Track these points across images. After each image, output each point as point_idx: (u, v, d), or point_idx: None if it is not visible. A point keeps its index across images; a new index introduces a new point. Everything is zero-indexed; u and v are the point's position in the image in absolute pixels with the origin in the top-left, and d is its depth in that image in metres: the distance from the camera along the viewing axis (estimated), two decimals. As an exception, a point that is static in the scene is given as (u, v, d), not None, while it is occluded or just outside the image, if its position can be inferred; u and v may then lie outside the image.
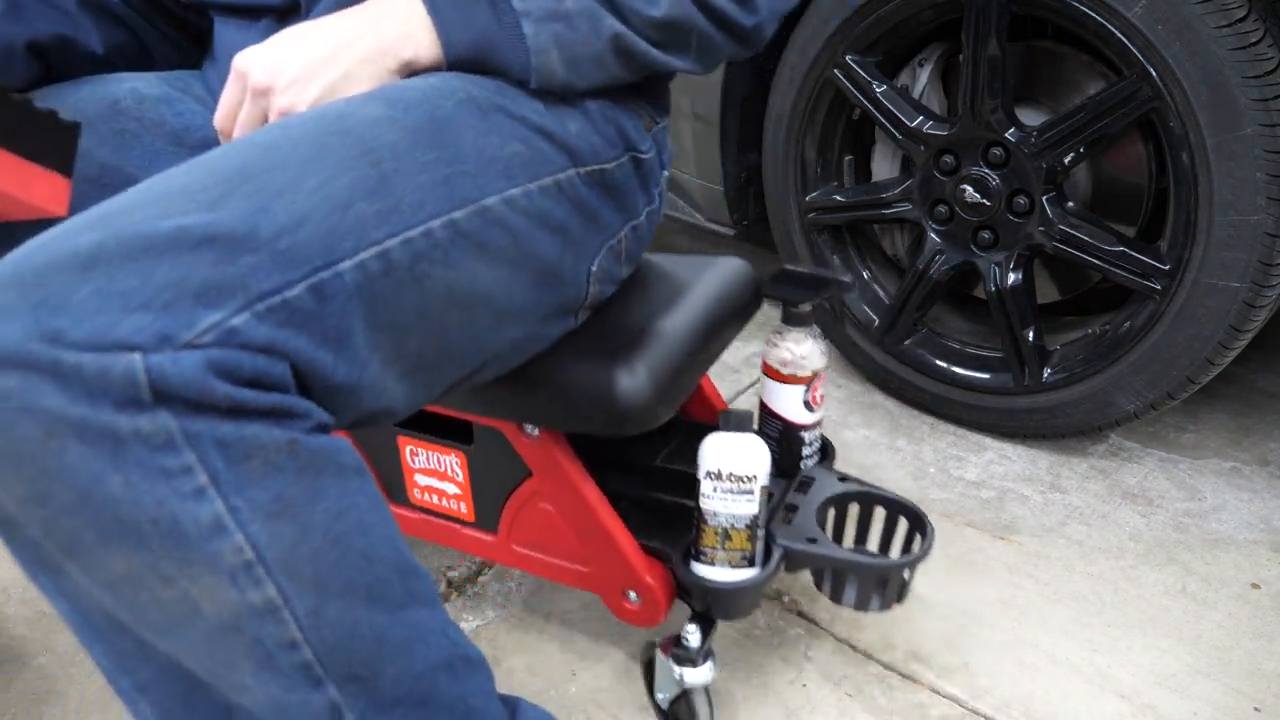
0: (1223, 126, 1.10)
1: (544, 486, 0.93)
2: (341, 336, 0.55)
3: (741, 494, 0.86)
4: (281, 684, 0.54)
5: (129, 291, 0.48)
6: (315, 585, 0.53)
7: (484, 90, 0.68)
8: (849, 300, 1.54)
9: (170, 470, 0.48)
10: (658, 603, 0.92)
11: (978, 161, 1.34)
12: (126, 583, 0.50)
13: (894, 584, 0.91)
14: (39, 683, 1.08)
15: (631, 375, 0.78)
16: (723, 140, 1.58)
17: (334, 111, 0.61)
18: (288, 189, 0.55)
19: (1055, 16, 1.22)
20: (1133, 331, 1.26)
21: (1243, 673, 1.04)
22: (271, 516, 0.51)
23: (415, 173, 0.61)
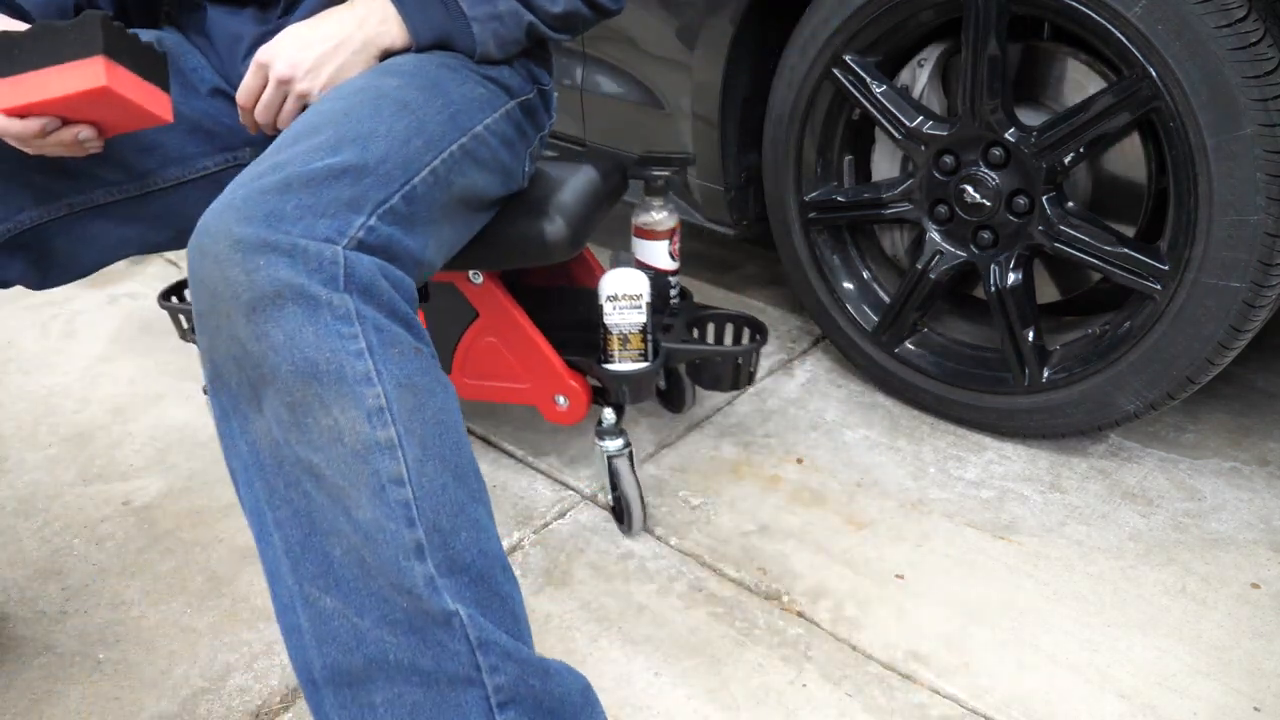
0: (1223, 126, 1.10)
1: (489, 322, 1.23)
2: (420, 226, 0.81)
3: (632, 308, 1.20)
4: (385, 511, 0.69)
5: (315, 205, 0.72)
6: (422, 443, 0.72)
7: (449, 59, 0.96)
8: (848, 301, 1.54)
9: (344, 334, 0.69)
10: (582, 402, 1.25)
11: (978, 161, 1.34)
12: (301, 406, 0.69)
13: (744, 367, 1.29)
14: (39, 683, 1.08)
15: (552, 221, 1.11)
16: (723, 140, 1.59)
17: (369, 86, 0.86)
18: (373, 135, 0.80)
19: (1055, 16, 1.22)
20: (1133, 331, 1.26)
21: (1243, 673, 1.04)
22: (401, 386, 0.71)
23: (434, 114, 0.87)
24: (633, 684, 1.05)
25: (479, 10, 0.97)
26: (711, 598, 1.17)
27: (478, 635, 0.71)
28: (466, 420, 1.54)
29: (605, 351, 1.22)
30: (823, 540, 1.26)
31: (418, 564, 0.69)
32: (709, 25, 1.51)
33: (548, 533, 1.29)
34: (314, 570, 0.71)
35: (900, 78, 1.45)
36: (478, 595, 0.73)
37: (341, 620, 0.70)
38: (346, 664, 0.70)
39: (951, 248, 1.41)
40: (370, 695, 0.70)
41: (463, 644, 0.70)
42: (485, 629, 0.71)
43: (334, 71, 0.93)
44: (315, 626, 0.71)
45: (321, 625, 0.71)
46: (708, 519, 1.30)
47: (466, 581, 0.72)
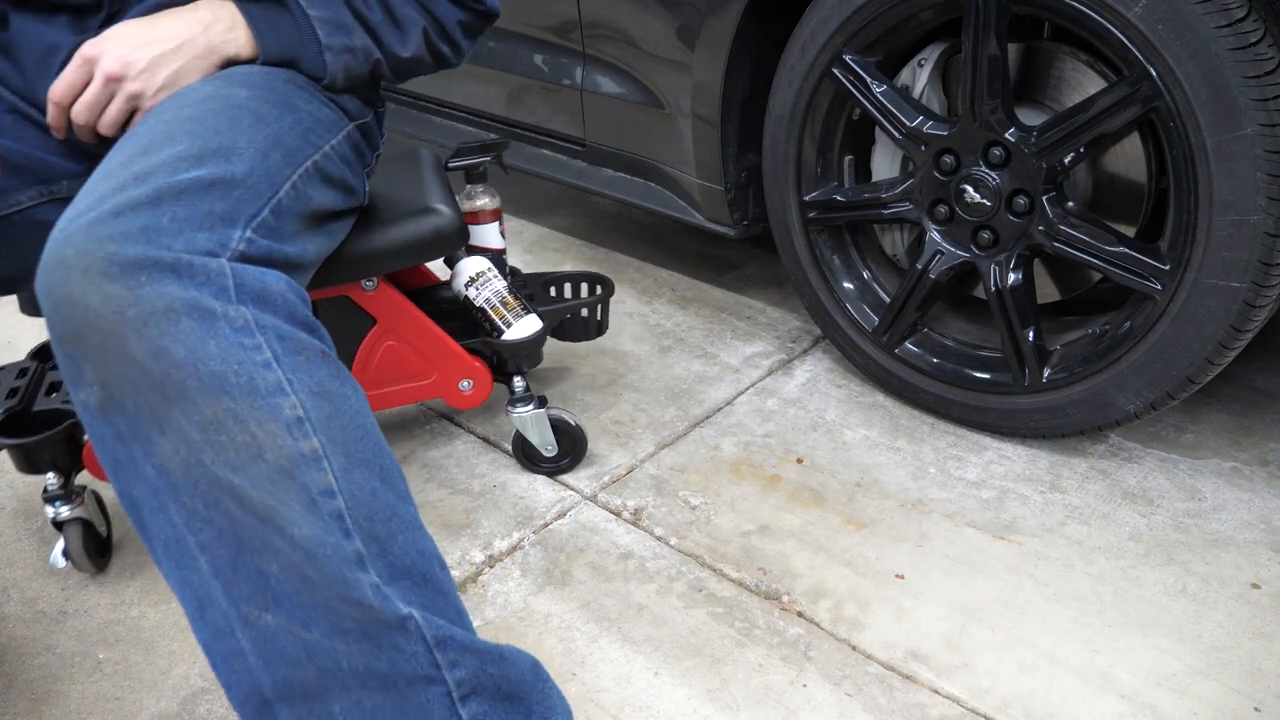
0: (1223, 126, 1.10)
1: (388, 325, 1.26)
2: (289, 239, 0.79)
3: (487, 280, 1.33)
4: (321, 526, 0.68)
5: (190, 218, 0.69)
6: (345, 450, 0.70)
7: (295, 77, 0.95)
8: (848, 301, 1.54)
9: (247, 345, 0.67)
10: (486, 383, 1.32)
11: (978, 161, 1.34)
12: (214, 424, 0.66)
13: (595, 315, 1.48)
14: (39, 683, 1.08)
15: (441, 215, 1.18)
16: (723, 140, 1.59)
17: (218, 95, 0.83)
18: (235, 147, 0.77)
19: (1055, 16, 1.22)
20: (1133, 331, 1.26)
21: (1243, 673, 1.04)
22: (314, 394, 0.70)
23: (289, 129, 0.85)
24: (633, 684, 1.05)
25: (335, 40, 0.96)
26: (711, 598, 1.17)
27: (434, 634, 0.71)
28: (466, 422, 1.54)
29: (492, 325, 1.31)
30: (823, 540, 1.26)
31: (361, 574, 0.69)
32: (709, 25, 1.51)
33: (548, 533, 1.29)
34: (250, 590, 0.69)
35: (900, 78, 1.45)
36: (424, 596, 0.72)
37: (287, 636, 0.69)
38: (299, 678, 0.69)
39: (951, 248, 1.41)
40: (328, 705, 0.70)
41: (420, 645, 0.71)
42: (439, 627, 0.72)
43: (172, 74, 0.88)
44: (259, 646, 0.69)
45: (266, 644, 0.69)
46: (708, 519, 1.30)
47: (410, 584, 0.72)
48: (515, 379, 1.34)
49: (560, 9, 1.76)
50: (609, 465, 1.42)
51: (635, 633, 1.12)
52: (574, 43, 1.77)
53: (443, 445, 1.48)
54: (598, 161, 1.85)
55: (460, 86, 2.06)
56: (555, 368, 1.68)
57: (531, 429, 1.35)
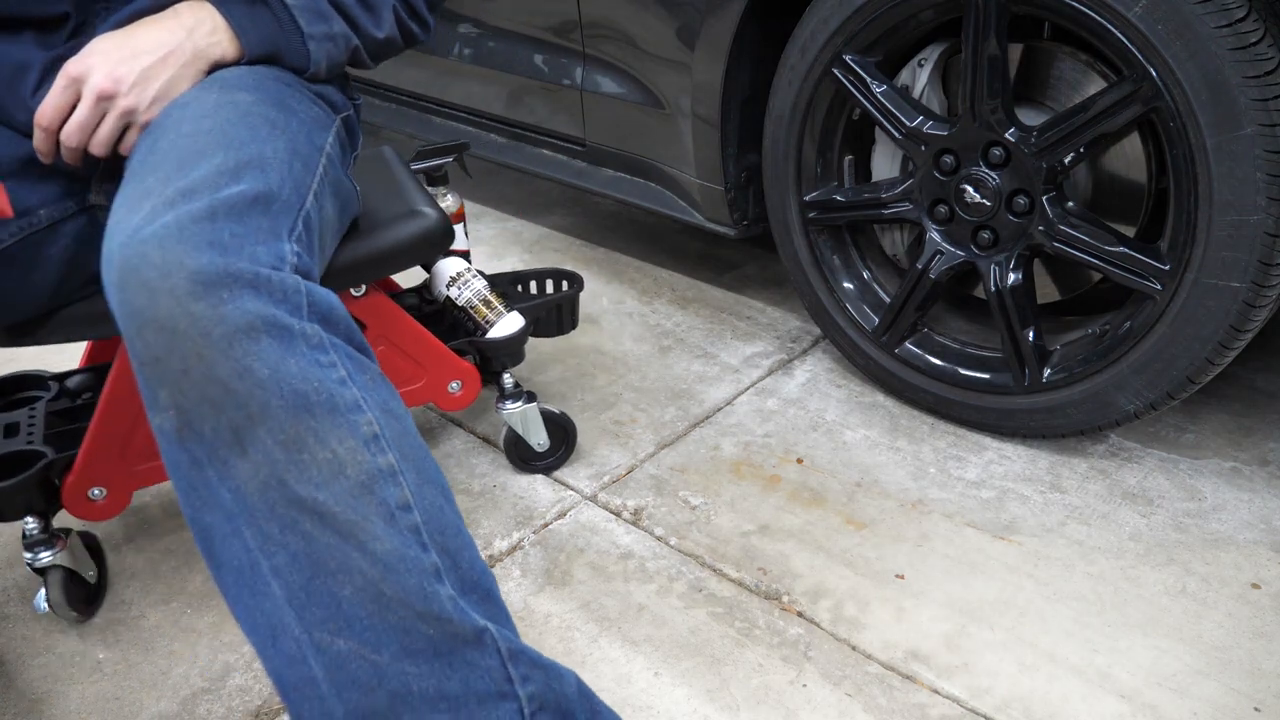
0: (1223, 126, 1.10)
1: (379, 331, 1.24)
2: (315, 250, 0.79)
3: (468, 280, 1.35)
4: (401, 540, 0.68)
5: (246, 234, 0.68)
6: (415, 467, 0.71)
7: (282, 74, 0.93)
8: (848, 301, 1.54)
9: (324, 363, 0.68)
10: (475, 383, 1.31)
11: (978, 161, 1.34)
12: (296, 442, 0.66)
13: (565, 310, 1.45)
14: (39, 683, 1.08)
15: (426, 217, 1.16)
16: (723, 140, 1.58)
17: (226, 102, 0.81)
18: (261, 158, 0.76)
19: (1055, 16, 1.22)
20: (1133, 331, 1.26)
21: (1243, 673, 1.04)
22: (385, 411, 0.70)
23: (298, 132, 0.84)
24: (633, 684, 1.05)
25: (316, 29, 0.94)
26: (711, 598, 1.17)
27: (508, 648, 0.71)
28: (466, 421, 1.54)
29: (477, 324, 1.33)
30: (823, 540, 1.26)
31: (440, 586, 0.69)
32: (709, 25, 1.51)
33: (548, 533, 1.29)
34: (323, 614, 0.68)
35: (900, 78, 1.45)
36: (491, 610, 0.73)
37: (359, 661, 0.68)
38: (369, 704, 0.68)
39: (951, 248, 1.41)
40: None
41: (494, 659, 0.70)
42: (512, 641, 0.72)
43: (164, 85, 0.85)
44: (332, 674, 0.68)
45: (339, 671, 0.68)
46: (708, 519, 1.30)
47: (478, 598, 0.72)
48: (504, 376, 1.35)
49: (560, 9, 1.76)
50: (609, 465, 1.42)
51: (635, 633, 1.12)
52: (574, 43, 1.77)
53: (442, 445, 1.48)
54: (598, 161, 1.85)
55: (460, 86, 2.06)
56: (555, 367, 1.68)
57: (522, 424, 1.36)
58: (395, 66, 2.19)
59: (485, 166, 2.57)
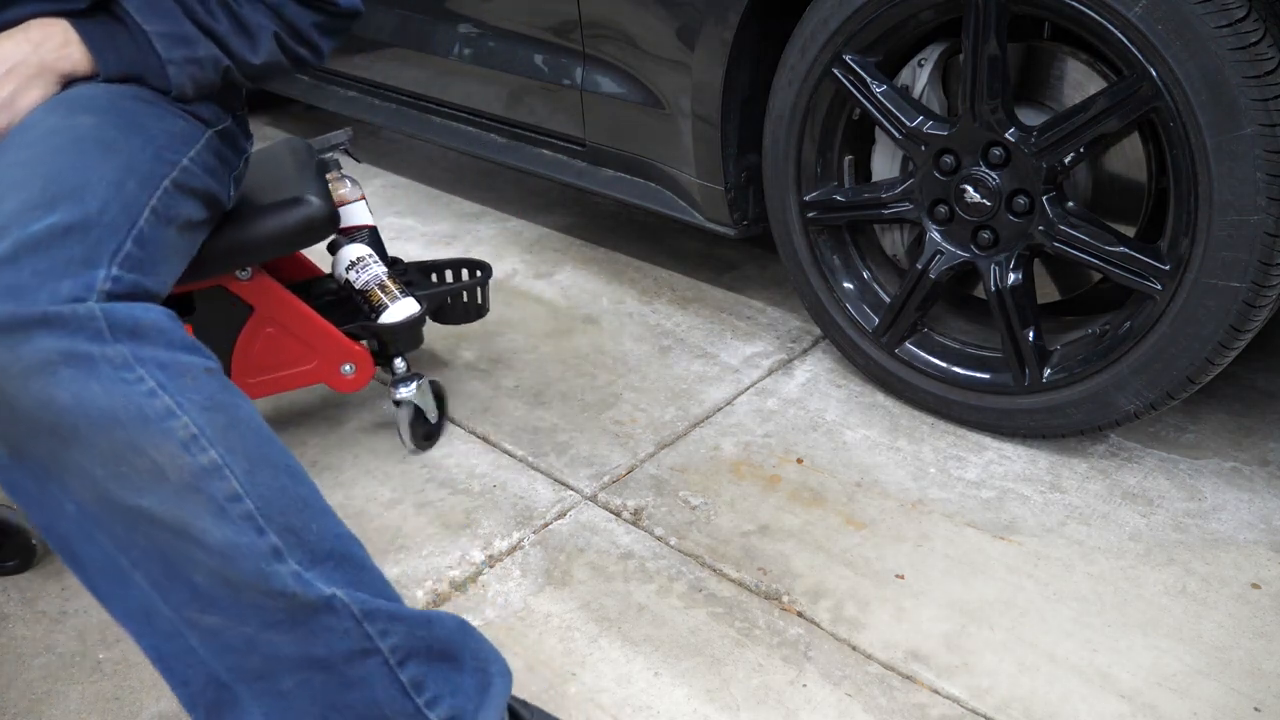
0: (1223, 126, 1.10)
1: (266, 313, 1.28)
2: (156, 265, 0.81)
3: (367, 265, 1.39)
4: (233, 529, 0.72)
5: (52, 269, 0.71)
6: (246, 455, 0.74)
7: (142, 91, 0.95)
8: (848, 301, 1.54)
9: (129, 380, 0.70)
10: (367, 364, 1.35)
11: (978, 161, 1.34)
12: (113, 457, 0.69)
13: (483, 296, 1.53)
14: (39, 683, 1.08)
15: (310, 204, 1.21)
16: (723, 140, 1.58)
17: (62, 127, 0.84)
18: (88, 184, 0.79)
19: (1055, 16, 1.22)
20: (1133, 331, 1.26)
21: (1243, 673, 1.04)
22: (206, 409, 0.73)
23: (138, 152, 0.86)
24: (633, 684, 1.05)
25: (176, 54, 0.96)
26: (711, 598, 1.17)
27: (360, 609, 0.76)
28: (465, 422, 1.54)
29: (372, 306, 1.36)
30: (823, 540, 1.26)
31: (280, 565, 0.73)
32: (709, 25, 1.51)
33: (548, 533, 1.29)
34: (186, 596, 0.73)
35: (900, 78, 1.45)
36: (347, 575, 0.77)
37: (230, 630, 0.74)
38: (248, 664, 0.75)
39: (951, 248, 1.41)
40: (279, 684, 0.76)
41: (349, 620, 0.76)
42: (365, 601, 0.77)
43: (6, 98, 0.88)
44: (208, 641, 0.74)
45: (213, 638, 0.74)
46: (708, 519, 1.30)
47: (332, 565, 0.76)
48: (396, 361, 1.40)
49: (560, 9, 1.76)
50: (609, 465, 1.42)
51: (635, 633, 1.12)
52: (574, 43, 1.77)
53: (443, 445, 1.48)
54: (598, 161, 1.85)
55: (460, 86, 2.06)
56: (555, 367, 1.68)
57: (423, 401, 1.43)
58: (394, 66, 2.19)
59: (485, 166, 2.57)
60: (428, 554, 1.25)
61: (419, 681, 0.79)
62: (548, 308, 1.87)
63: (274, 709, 0.76)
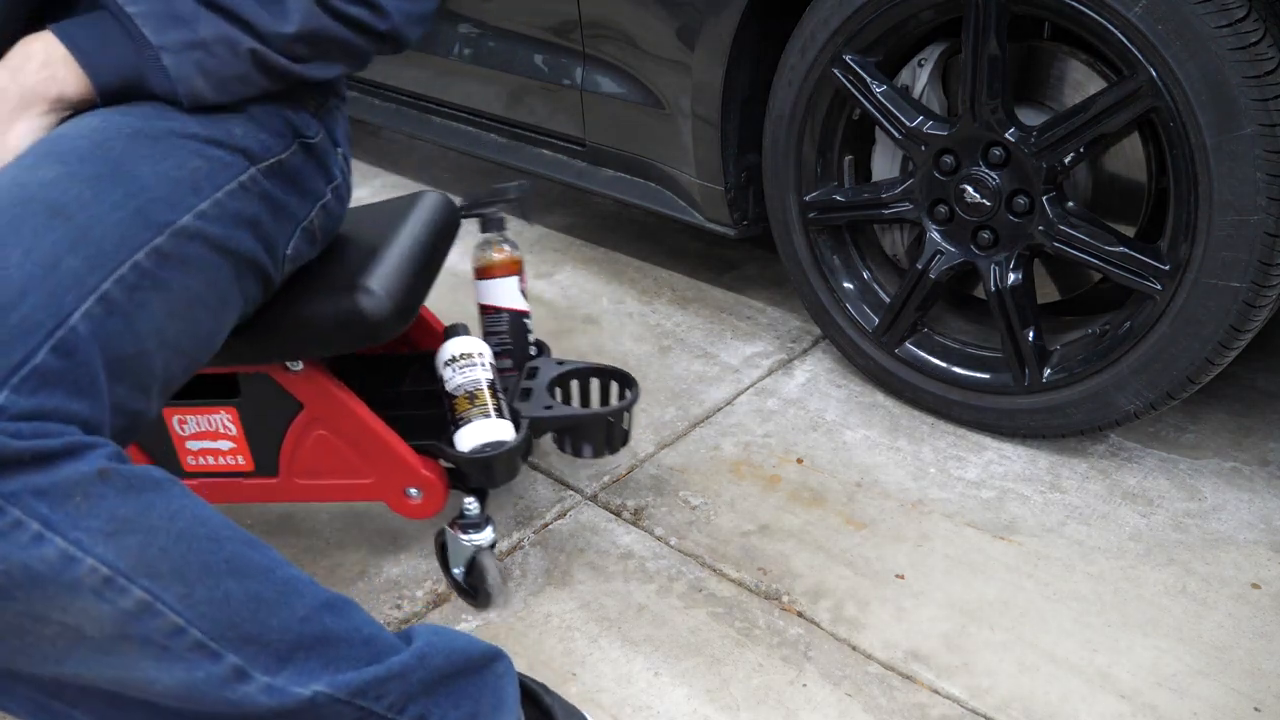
0: (1223, 126, 1.10)
1: (316, 413, 1.04)
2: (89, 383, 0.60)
3: (471, 366, 1.09)
4: (184, 667, 0.60)
5: None
6: (176, 576, 0.60)
7: (146, 119, 0.74)
8: (848, 301, 1.54)
9: (1, 529, 0.53)
10: (437, 493, 1.08)
11: (978, 161, 1.34)
12: (9, 634, 0.55)
13: (616, 429, 1.15)
14: (39, 683, 1.08)
15: (370, 295, 0.93)
16: (723, 140, 1.58)
17: (11, 184, 0.65)
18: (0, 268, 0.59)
19: (1055, 16, 1.22)
20: (1133, 331, 1.26)
21: (1243, 673, 1.04)
22: (112, 535, 0.57)
23: (107, 214, 0.66)
24: (633, 684, 1.05)
25: (169, 37, 0.74)
26: (711, 598, 1.17)
27: (347, 692, 0.68)
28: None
29: (454, 418, 1.07)
30: (823, 540, 1.26)
31: (245, 686, 0.63)
32: (709, 25, 1.51)
33: (548, 533, 1.29)
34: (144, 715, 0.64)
35: (900, 78, 1.45)
36: (323, 658, 0.67)
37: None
38: None
39: (951, 248, 1.41)
40: None
41: (339, 705, 0.68)
42: (350, 681, 0.68)
43: None
44: None
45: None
46: (708, 519, 1.30)
47: (304, 656, 0.66)
48: (467, 497, 1.09)
49: (560, 9, 1.76)
50: (609, 465, 1.42)
51: (635, 633, 1.12)
52: (574, 43, 1.77)
53: (443, 445, 1.48)
54: (598, 161, 1.85)
55: (460, 86, 2.06)
56: (555, 368, 1.67)
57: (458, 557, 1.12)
58: (394, 66, 2.19)
59: (485, 166, 2.57)
60: (428, 554, 1.25)
61: (422, 716, 0.73)
62: (548, 308, 1.87)
63: None
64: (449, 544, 1.12)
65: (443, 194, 1.20)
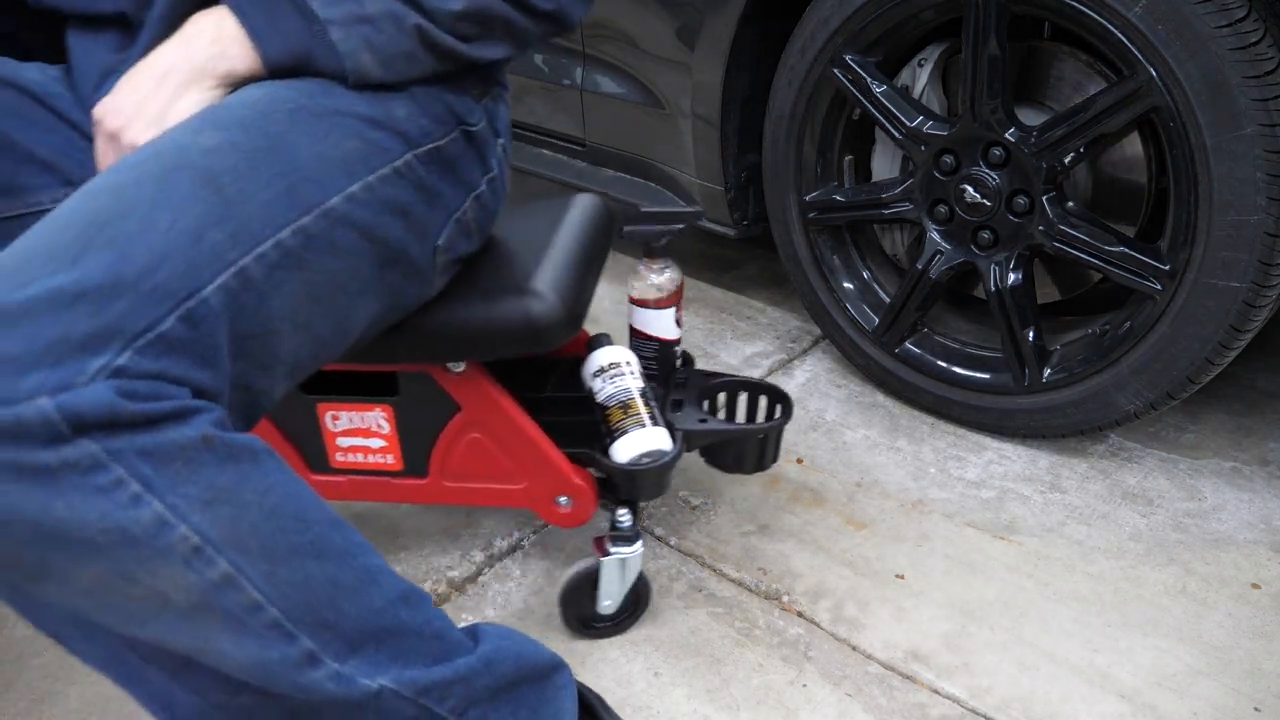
0: (1223, 126, 1.10)
1: (474, 416, 1.03)
2: (213, 354, 0.61)
3: (621, 375, 1.06)
4: (258, 644, 0.61)
5: (20, 355, 0.53)
6: (262, 553, 0.60)
7: (311, 96, 0.74)
8: (848, 301, 1.54)
9: (104, 487, 0.54)
10: (588, 501, 1.05)
11: (978, 161, 1.34)
12: (99, 590, 0.56)
13: (770, 446, 1.13)
14: (39, 683, 1.08)
15: (541, 300, 0.91)
16: (723, 140, 1.59)
17: (173, 146, 0.66)
18: (143, 231, 0.59)
19: (1055, 16, 1.22)
20: (1133, 331, 1.26)
21: (1243, 673, 1.04)
22: (207, 504, 0.58)
23: (259, 190, 0.66)
24: (633, 684, 1.05)
25: (337, 10, 0.73)
26: (711, 598, 1.17)
27: (413, 690, 0.68)
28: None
29: (608, 429, 1.04)
30: (823, 540, 1.26)
31: (315, 671, 0.63)
32: (709, 25, 1.51)
33: (547, 533, 1.29)
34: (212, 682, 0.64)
35: (900, 78, 1.45)
36: (393, 651, 0.68)
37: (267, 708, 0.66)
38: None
39: (951, 248, 1.41)
40: None
41: (403, 703, 0.68)
42: (416, 679, 0.68)
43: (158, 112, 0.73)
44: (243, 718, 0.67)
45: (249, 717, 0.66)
46: (708, 519, 1.30)
47: (374, 648, 0.66)
48: (619, 510, 1.05)
49: (560, 9, 1.76)
50: (609, 465, 1.42)
51: (635, 633, 1.12)
52: (574, 43, 1.77)
53: (443, 445, 1.48)
54: (598, 161, 1.85)
55: (460, 86, 2.06)
56: (555, 368, 1.67)
57: (607, 575, 1.07)
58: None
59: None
60: (428, 553, 1.25)
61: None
62: (548, 308, 1.87)
63: None
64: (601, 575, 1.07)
65: (597, 196, 1.17)
